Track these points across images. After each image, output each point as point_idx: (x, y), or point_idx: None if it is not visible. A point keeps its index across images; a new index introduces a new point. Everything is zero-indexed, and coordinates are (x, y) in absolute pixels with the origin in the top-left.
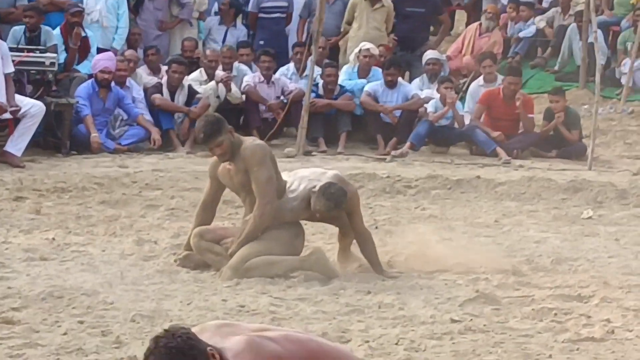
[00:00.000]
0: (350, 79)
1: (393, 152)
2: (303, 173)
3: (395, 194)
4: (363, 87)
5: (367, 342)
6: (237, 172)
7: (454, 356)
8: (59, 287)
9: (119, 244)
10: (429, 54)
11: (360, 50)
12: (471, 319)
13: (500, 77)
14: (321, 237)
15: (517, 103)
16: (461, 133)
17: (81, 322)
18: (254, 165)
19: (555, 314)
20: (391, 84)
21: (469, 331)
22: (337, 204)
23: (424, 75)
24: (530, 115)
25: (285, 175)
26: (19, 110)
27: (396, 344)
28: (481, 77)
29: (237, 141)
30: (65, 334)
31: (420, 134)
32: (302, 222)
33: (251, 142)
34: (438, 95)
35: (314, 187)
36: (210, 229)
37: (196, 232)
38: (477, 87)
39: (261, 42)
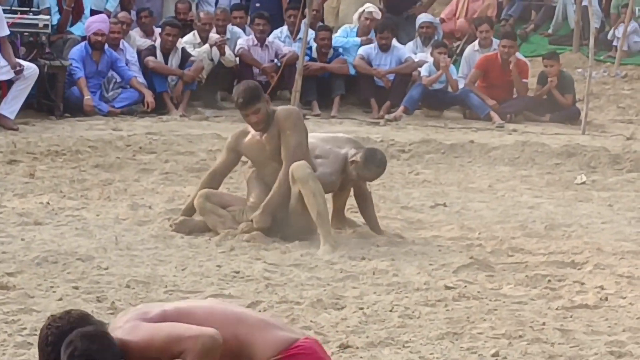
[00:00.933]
0: (347, 37)
1: (387, 116)
2: (319, 136)
3: (389, 159)
4: (356, 45)
5: (362, 308)
6: (271, 139)
7: (447, 323)
8: (54, 252)
9: (114, 208)
10: (422, 17)
11: (363, 11)
12: (465, 286)
13: (496, 42)
14: None
15: (511, 66)
16: (455, 97)
17: (76, 288)
18: (288, 128)
19: (549, 281)
20: (385, 48)
21: (463, 298)
22: (385, 168)
23: (417, 38)
24: (525, 80)
25: None
26: (23, 69)
27: (390, 310)
28: (476, 42)
29: (271, 112)
30: (60, 299)
31: (413, 97)
32: None
33: (284, 107)
34: (432, 59)
35: (351, 155)
36: (217, 192)
37: (202, 193)
38: (472, 52)
39: (257, 5)
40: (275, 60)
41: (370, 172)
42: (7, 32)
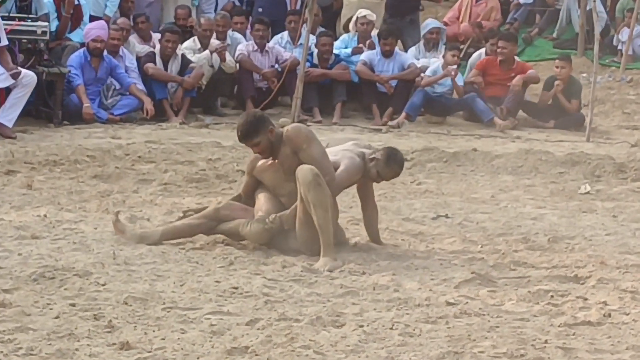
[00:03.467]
0: (346, 47)
1: (390, 123)
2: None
3: None
4: (348, 56)
5: (362, 326)
6: (285, 160)
7: (448, 341)
8: (51, 267)
9: (112, 222)
10: (431, 23)
11: (357, 18)
12: (467, 302)
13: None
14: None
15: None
16: (459, 102)
17: (73, 305)
18: (302, 142)
19: (552, 296)
20: (388, 54)
21: (464, 315)
22: (403, 168)
23: (420, 44)
24: (532, 71)
25: None
26: (20, 73)
27: (391, 328)
28: (483, 50)
29: (278, 138)
30: (57, 317)
31: (415, 104)
32: None
33: (291, 125)
34: (437, 62)
35: (369, 153)
36: (232, 205)
37: (220, 202)
38: (478, 58)
39: (260, 10)
40: (276, 66)
41: (391, 170)
42: (5, 42)
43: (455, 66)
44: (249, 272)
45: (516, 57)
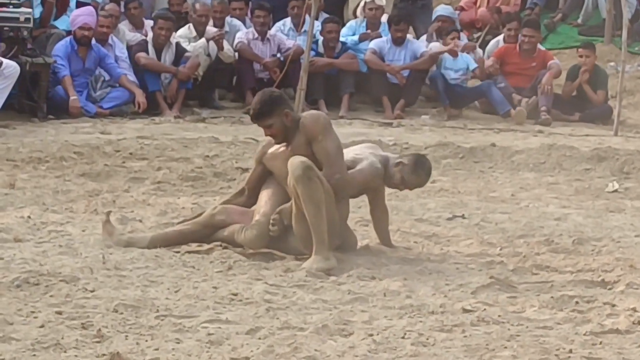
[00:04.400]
0: (354, 34)
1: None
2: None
3: None
4: (355, 43)
5: (371, 335)
6: (298, 149)
7: (465, 351)
8: (35, 272)
9: (101, 222)
10: (440, 10)
11: (365, 2)
12: (484, 309)
13: (521, 38)
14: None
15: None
16: (475, 89)
17: (59, 313)
18: (319, 133)
19: (577, 303)
20: (399, 41)
21: (482, 322)
22: (429, 178)
23: (433, 33)
24: (554, 61)
25: None
26: (1, 63)
27: (403, 337)
28: (501, 37)
29: (294, 122)
30: (42, 326)
31: (441, 92)
32: None
33: (309, 112)
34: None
35: (394, 157)
36: (228, 209)
37: (215, 207)
38: (496, 46)
39: None
40: (278, 55)
41: (418, 178)
42: None
43: (461, 42)
44: (249, 277)
45: (538, 45)
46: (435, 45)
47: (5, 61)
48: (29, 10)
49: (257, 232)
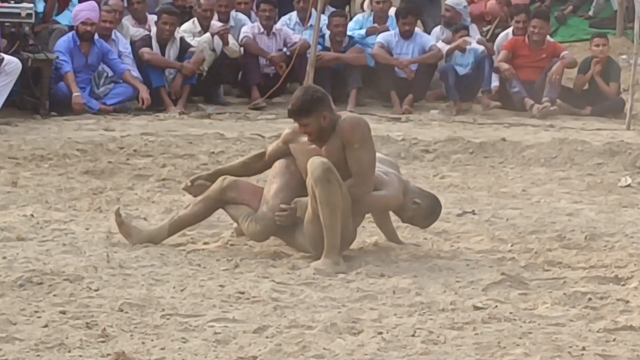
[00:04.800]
0: (361, 28)
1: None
2: None
3: (412, 160)
4: (362, 37)
5: (381, 333)
6: (330, 152)
7: (476, 349)
8: (39, 271)
9: (105, 220)
10: (448, 0)
11: None
12: (496, 306)
13: (530, 29)
14: None
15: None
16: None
17: (63, 313)
18: (356, 141)
19: (590, 299)
20: (407, 35)
21: (494, 320)
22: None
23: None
24: (565, 52)
25: None
26: (2, 60)
27: (413, 335)
28: (510, 30)
29: (331, 124)
30: (45, 326)
31: (451, 86)
32: None
33: (351, 115)
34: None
35: (414, 194)
36: (240, 186)
37: (225, 179)
38: (505, 39)
39: None
40: (285, 49)
41: (426, 223)
42: None
43: (470, 39)
44: (256, 275)
45: (547, 37)
46: (442, 45)
47: (7, 57)
48: (31, 5)
49: (262, 228)
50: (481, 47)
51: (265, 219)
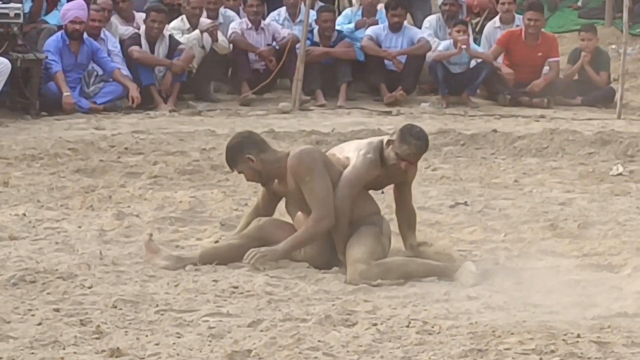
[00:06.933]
0: (350, 23)
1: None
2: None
3: None
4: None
5: (375, 325)
6: (294, 191)
7: (471, 339)
8: (32, 270)
9: (97, 218)
10: None
11: None
12: (490, 295)
13: (518, 18)
14: None
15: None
16: (472, 70)
17: (57, 310)
18: (304, 174)
19: (584, 287)
20: (396, 27)
21: (488, 309)
22: (427, 143)
23: (439, 15)
24: (555, 59)
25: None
26: None
27: (407, 326)
28: (497, 18)
29: (269, 163)
30: (39, 324)
31: (440, 81)
32: None
33: (296, 150)
34: (447, 42)
35: (381, 140)
36: (276, 223)
37: (261, 220)
38: (493, 29)
39: None
40: (274, 44)
41: (409, 146)
42: None
43: (465, 37)
44: (250, 270)
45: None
46: (443, 45)
47: None
48: (19, 5)
49: (318, 248)
50: (478, 49)
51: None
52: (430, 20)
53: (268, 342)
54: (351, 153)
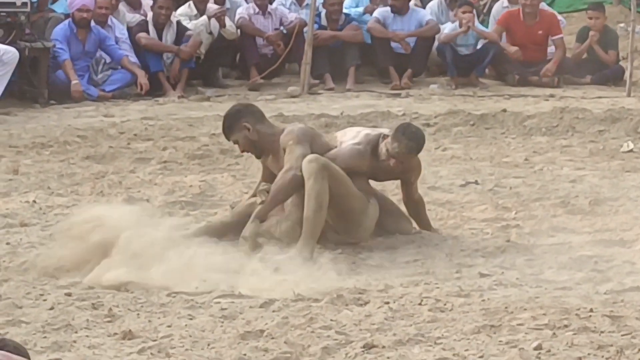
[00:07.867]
0: (357, 6)
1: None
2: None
3: None
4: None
5: (387, 303)
6: (279, 163)
7: (484, 315)
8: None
9: (108, 204)
10: None
11: None
12: (502, 272)
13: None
14: None
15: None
16: (479, 52)
17: (69, 295)
18: (289, 140)
19: (596, 262)
20: (401, 9)
21: (500, 286)
22: (419, 145)
23: (441, 0)
24: (559, 36)
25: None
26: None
27: (419, 304)
28: None
29: (264, 135)
30: (51, 308)
31: (449, 63)
32: None
33: (291, 126)
34: (457, 22)
35: (381, 133)
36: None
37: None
38: (500, 9)
39: None
40: (281, 28)
41: (400, 145)
42: None
43: (470, 14)
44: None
45: (541, 5)
46: (449, 27)
47: (4, 47)
48: None
49: (291, 223)
50: (484, 29)
51: (293, 216)
52: (432, 6)
53: (280, 322)
54: (346, 137)
